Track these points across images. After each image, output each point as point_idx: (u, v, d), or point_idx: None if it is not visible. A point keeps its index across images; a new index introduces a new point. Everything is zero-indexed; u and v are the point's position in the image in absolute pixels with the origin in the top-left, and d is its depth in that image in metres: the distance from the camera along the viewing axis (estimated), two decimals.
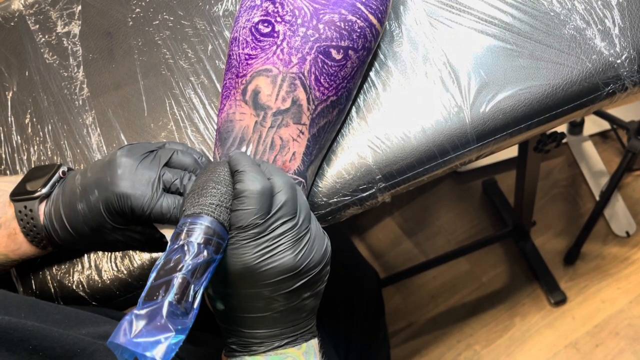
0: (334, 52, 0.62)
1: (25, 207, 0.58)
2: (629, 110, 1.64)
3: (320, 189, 0.65)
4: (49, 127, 0.73)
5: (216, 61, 0.72)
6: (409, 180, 0.66)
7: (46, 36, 0.77)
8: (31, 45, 0.77)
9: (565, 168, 1.66)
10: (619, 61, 0.67)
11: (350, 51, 0.62)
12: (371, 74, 0.69)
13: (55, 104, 0.74)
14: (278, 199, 0.50)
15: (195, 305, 0.43)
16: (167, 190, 0.54)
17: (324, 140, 0.63)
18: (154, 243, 0.57)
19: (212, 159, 0.64)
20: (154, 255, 0.66)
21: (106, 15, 0.77)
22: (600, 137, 1.68)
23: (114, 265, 0.67)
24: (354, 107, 0.67)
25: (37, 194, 0.58)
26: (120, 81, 0.74)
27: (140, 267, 0.66)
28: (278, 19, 0.62)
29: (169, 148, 0.57)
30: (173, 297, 0.42)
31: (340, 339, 0.95)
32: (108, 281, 0.66)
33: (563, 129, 1.65)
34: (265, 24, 0.63)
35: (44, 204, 0.58)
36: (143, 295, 0.42)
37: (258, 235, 0.48)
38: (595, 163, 1.64)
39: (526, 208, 1.43)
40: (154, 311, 0.41)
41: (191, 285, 0.43)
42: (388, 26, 0.70)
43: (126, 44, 0.75)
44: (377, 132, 0.66)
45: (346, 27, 0.62)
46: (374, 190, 0.66)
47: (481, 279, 1.55)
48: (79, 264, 0.67)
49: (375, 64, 0.69)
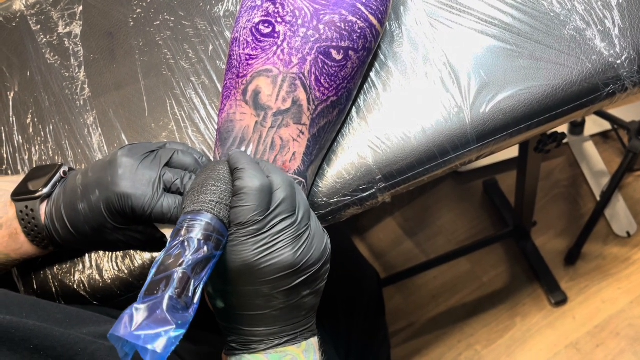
0: (334, 53, 0.62)
1: (26, 207, 0.58)
2: (630, 111, 1.63)
3: (320, 189, 0.65)
4: (50, 127, 0.73)
5: (217, 61, 0.72)
6: (409, 180, 0.66)
7: (47, 36, 0.77)
8: (32, 45, 0.77)
9: (566, 168, 1.66)
10: (619, 62, 0.67)
11: (350, 52, 0.63)
12: (371, 74, 0.69)
13: (56, 104, 0.74)
14: (277, 196, 0.50)
15: (196, 300, 0.43)
16: (168, 190, 0.54)
17: (324, 140, 0.63)
18: (154, 243, 0.57)
19: (213, 158, 0.64)
20: (155, 254, 0.67)
21: (107, 16, 0.77)
22: (601, 138, 1.67)
23: (115, 264, 0.67)
24: (354, 108, 0.67)
25: (39, 194, 0.58)
26: (121, 81, 0.74)
27: (141, 267, 0.66)
28: (279, 20, 0.62)
29: (169, 148, 0.57)
30: (173, 292, 0.42)
31: (340, 339, 0.95)
32: (109, 281, 0.66)
33: (564, 129, 1.65)
34: (266, 25, 0.63)
35: (45, 203, 0.58)
36: (143, 289, 0.43)
37: (257, 232, 0.48)
38: (596, 163, 1.64)
39: (527, 208, 1.43)
40: (154, 305, 0.41)
41: (191, 280, 0.43)
42: (388, 27, 0.70)
43: (127, 44, 0.75)
44: (378, 132, 0.66)
45: (346, 28, 0.62)
46: (374, 190, 0.66)
47: (482, 279, 1.55)
48: (80, 263, 0.67)
49: (376, 64, 0.69)
